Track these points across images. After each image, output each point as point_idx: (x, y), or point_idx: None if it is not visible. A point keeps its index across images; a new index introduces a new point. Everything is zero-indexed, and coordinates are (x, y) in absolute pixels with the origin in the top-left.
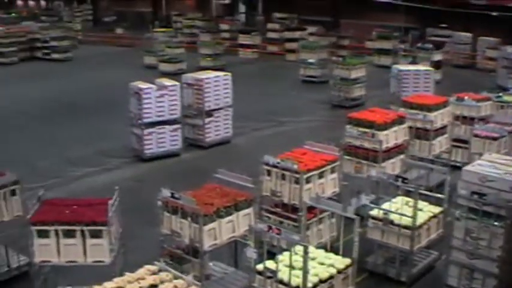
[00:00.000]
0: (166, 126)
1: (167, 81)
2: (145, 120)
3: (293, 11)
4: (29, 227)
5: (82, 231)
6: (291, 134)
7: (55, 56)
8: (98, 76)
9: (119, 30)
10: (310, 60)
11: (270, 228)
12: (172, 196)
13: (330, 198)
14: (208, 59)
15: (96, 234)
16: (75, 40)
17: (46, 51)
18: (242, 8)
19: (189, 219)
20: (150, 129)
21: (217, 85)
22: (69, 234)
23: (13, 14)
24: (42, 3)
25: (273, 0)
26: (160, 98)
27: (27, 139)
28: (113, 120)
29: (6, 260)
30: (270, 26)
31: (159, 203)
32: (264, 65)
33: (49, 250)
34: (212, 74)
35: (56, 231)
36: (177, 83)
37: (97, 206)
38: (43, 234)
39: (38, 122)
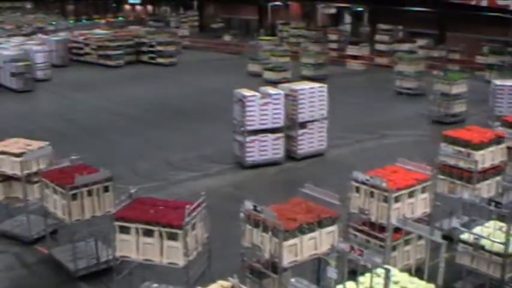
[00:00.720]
0: (269, 135)
1: (271, 90)
2: (248, 128)
3: (398, 22)
4: (113, 222)
5: (160, 232)
6: (386, 149)
7: (160, 60)
8: (202, 82)
9: (227, 38)
10: (407, 72)
11: (352, 248)
12: (255, 209)
13: (420, 219)
14: (310, 68)
15: (172, 237)
16: (180, 45)
17: (152, 55)
18: (348, 18)
19: (270, 233)
20: (253, 137)
21: (312, 96)
22: (148, 233)
23: (120, 18)
24: (149, 8)
25: (379, 12)
26: (264, 106)
27: (131, 141)
28: (215, 126)
29: (95, 253)
30: (378, 37)
31: (242, 215)
32: (370, 76)
33: (129, 246)
34: (308, 85)
35: (137, 229)
36: (281, 91)
37: (181, 210)
38: (125, 230)
39: (141, 124)
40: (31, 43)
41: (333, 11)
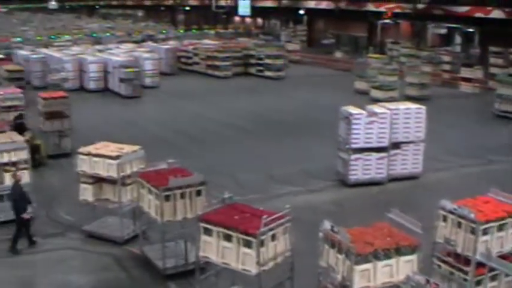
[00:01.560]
0: (373, 154)
1: (378, 108)
2: (353, 146)
3: (510, 45)
4: (199, 223)
5: (237, 238)
6: (483, 176)
7: (268, 73)
8: (308, 96)
9: (338, 54)
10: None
11: (427, 281)
12: (332, 229)
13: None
14: (414, 88)
15: (247, 244)
16: (287, 59)
17: (259, 68)
18: (458, 39)
19: (344, 255)
20: (357, 155)
21: (408, 117)
22: (227, 238)
23: (230, 30)
24: (259, 21)
25: (490, 33)
26: (369, 125)
27: (234, 151)
28: (319, 141)
29: (184, 253)
30: (492, 60)
31: (321, 234)
32: (480, 99)
33: (211, 248)
34: (404, 105)
35: (218, 233)
36: (387, 110)
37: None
38: (208, 232)
39: (245, 136)
40: (141, 50)
41: (443, 31)
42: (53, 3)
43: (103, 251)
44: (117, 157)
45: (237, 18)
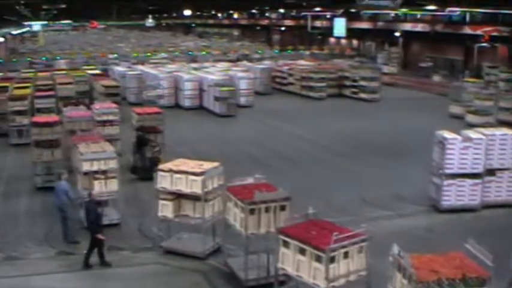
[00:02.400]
0: (467, 180)
1: (473, 134)
2: (447, 171)
3: None
4: (278, 235)
5: (310, 252)
6: None
7: (362, 95)
8: (402, 119)
9: (436, 78)
10: None
11: None
12: (399, 254)
13: None
14: (508, 113)
15: (318, 259)
16: (381, 82)
17: (354, 90)
18: None
19: (407, 281)
20: (451, 181)
21: (504, 144)
22: (302, 251)
23: (325, 51)
24: (354, 42)
25: None
26: (464, 150)
27: (326, 173)
28: (411, 165)
29: (266, 266)
30: None
31: (390, 258)
32: None
33: (288, 260)
34: (500, 131)
35: (294, 246)
36: (483, 136)
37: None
38: (286, 244)
39: (338, 157)
40: (236, 69)
41: None
42: (150, 20)
43: (188, 266)
44: (201, 173)
45: (332, 40)
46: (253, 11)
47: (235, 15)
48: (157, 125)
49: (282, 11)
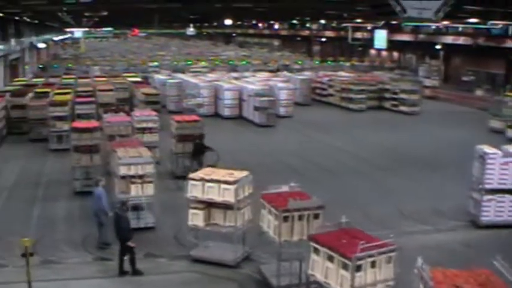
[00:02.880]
0: (507, 195)
1: None
2: (487, 186)
3: None
4: (309, 242)
5: (338, 260)
6: None
7: (402, 108)
8: (442, 133)
9: (479, 92)
10: None
11: None
12: (421, 267)
13: None
14: None
15: (344, 267)
16: (422, 95)
17: (394, 102)
18: None
19: None
20: (490, 196)
21: None
22: (330, 258)
23: (365, 63)
24: (395, 54)
25: None
26: (504, 166)
27: (364, 185)
28: (450, 179)
29: (298, 273)
30: None
31: (415, 271)
32: None
33: (317, 266)
34: None
35: (324, 253)
36: None
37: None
38: (316, 251)
39: (376, 170)
40: (276, 79)
41: None
42: (191, 29)
43: (222, 274)
44: (234, 182)
45: (372, 51)
46: (294, 21)
47: (276, 26)
48: (196, 133)
49: (322, 22)
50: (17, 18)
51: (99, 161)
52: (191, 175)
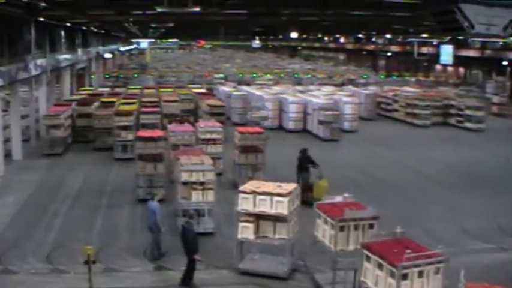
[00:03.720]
0: None
1: None
2: None
3: None
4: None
5: (386, 268)
6: None
7: (467, 124)
8: (508, 151)
9: None
10: None
11: None
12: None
13: None
14: None
15: (392, 275)
16: (488, 111)
17: (459, 118)
18: None
19: None
20: None
21: None
22: (380, 266)
23: (431, 78)
24: (461, 70)
25: None
26: None
27: (427, 201)
28: None
29: (353, 282)
30: None
31: (460, 284)
32: None
33: (369, 274)
34: None
35: (375, 261)
36: None
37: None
38: (368, 259)
39: (439, 185)
40: (341, 94)
41: None
42: (257, 42)
43: (277, 286)
44: (287, 194)
45: (438, 67)
46: (360, 35)
47: (342, 39)
48: (259, 144)
49: (388, 36)
50: (84, 28)
51: (163, 169)
52: (241, 188)
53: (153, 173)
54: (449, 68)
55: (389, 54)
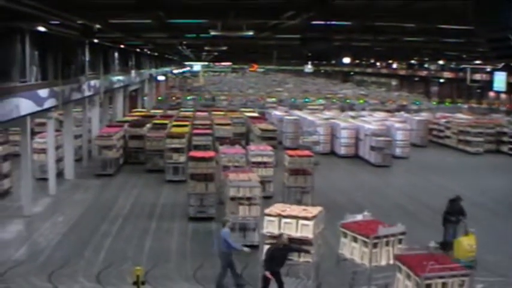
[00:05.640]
0: None
1: None
2: None
3: None
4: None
5: (414, 278)
6: None
7: None
8: None
9: None
10: None
11: None
12: None
13: None
14: None
15: (417, 285)
16: None
17: None
18: None
19: None
20: None
21: None
22: (408, 276)
23: (483, 105)
24: None
25: None
26: None
27: (480, 230)
28: None
29: None
30: None
31: None
32: None
33: (400, 284)
34: None
35: (405, 271)
36: None
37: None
38: (400, 270)
39: (493, 215)
40: (393, 120)
41: None
42: (309, 67)
43: None
44: (313, 218)
45: (491, 94)
46: (412, 61)
47: (394, 65)
48: (308, 168)
49: (441, 62)
50: (137, 50)
51: (214, 188)
52: (266, 210)
53: (204, 192)
54: (503, 95)
55: (442, 80)
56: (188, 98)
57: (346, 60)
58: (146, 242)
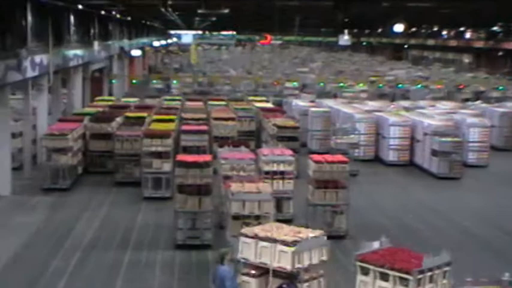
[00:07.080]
0: None
1: None
2: None
3: None
4: None
5: None
6: None
7: None
8: None
9: None
10: None
11: None
12: None
13: None
14: None
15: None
16: None
17: None
18: None
19: None
20: None
21: None
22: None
23: None
24: None
25: None
26: None
27: None
28: None
29: None
30: None
31: None
32: None
33: None
34: None
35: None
36: None
37: None
38: None
39: None
40: (464, 112)
41: None
42: (345, 37)
43: None
44: (293, 243)
45: None
46: (495, 28)
47: (468, 35)
48: (341, 179)
49: None
50: (103, 13)
51: (210, 205)
52: (243, 230)
53: (196, 210)
54: None
55: None
56: (175, 82)
57: (399, 28)
58: (116, 283)
